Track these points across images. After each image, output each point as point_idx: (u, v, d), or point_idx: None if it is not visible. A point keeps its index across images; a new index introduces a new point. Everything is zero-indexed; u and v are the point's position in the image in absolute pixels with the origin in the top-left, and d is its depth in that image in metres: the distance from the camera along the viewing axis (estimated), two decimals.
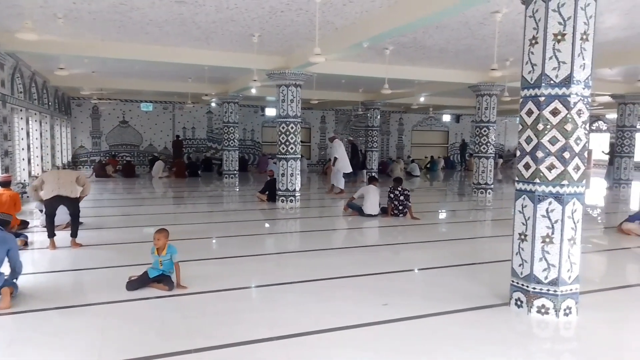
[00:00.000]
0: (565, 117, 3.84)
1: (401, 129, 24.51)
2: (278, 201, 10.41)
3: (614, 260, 6.61)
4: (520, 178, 4.15)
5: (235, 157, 16.01)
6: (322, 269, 5.49)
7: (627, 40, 7.84)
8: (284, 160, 10.31)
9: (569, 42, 3.77)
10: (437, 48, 8.80)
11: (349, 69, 10.30)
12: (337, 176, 12.36)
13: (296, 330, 3.72)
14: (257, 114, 21.57)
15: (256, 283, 5.06)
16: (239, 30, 7.57)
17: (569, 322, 3.94)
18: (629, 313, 4.35)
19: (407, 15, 5.79)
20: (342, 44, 7.43)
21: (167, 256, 4.68)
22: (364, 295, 4.58)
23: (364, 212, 8.97)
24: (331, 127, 22.99)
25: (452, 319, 4.05)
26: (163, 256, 4.66)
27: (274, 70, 9.77)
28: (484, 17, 6.64)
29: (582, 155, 3.93)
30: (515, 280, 4.19)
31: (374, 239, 8.00)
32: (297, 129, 10.26)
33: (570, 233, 3.93)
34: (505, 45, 8.15)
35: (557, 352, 3.57)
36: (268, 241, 7.53)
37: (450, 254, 6.37)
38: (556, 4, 3.77)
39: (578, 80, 3.81)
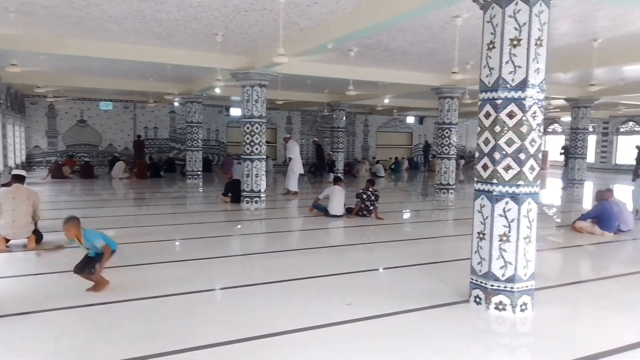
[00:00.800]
0: (521, 120, 3.98)
1: (366, 130, 24.76)
2: (243, 202, 10.32)
3: (567, 257, 6.90)
4: (478, 178, 4.27)
5: (199, 158, 15.76)
6: (288, 269, 5.49)
7: (580, 46, 8.20)
8: (248, 160, 10.23)
9: (525, 47, 3.91)
10: (400, 50, 8.95)
11: (314, 69, 10.32)
12: (291, 178, 12.30)
13: (262, 332, 3.69)
14: (221, 114, 21.30)
15: (221, 285, 5.01)
16: (202, 28, 7.46)
17: (525, 318, 4.09)
18: (582, 308, 4.55)
19: (371, 17, 5.86)
20: (306, 45, 7.45)
21: (90, 244, 4.44)
22: (329, 295, 4.60)
23: (329, 212, 9.01)
24: (297, 127, 22.97)
25: (415, 317, 4.12)
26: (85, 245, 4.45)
27: (238, 70, 9.68)
28: (445, 21, 6.79)
29: (537, 156, 4.08)
30: (475, 278, 4.31)
31: (340, 239, 8.05)
32: (262, 129, 10.20)
33: (525, 232, 4.08)
34: (465, 49, 8.36)
35: (513, 347, 3.69)
36: (233, 243, 7.45)
37: (414, 253, 6.49)
38: (512, 10, 3.91)
39: (533, 84, 3.96)
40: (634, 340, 3.68)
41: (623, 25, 6.87)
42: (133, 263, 5.63)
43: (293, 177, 12.23)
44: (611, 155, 24.18)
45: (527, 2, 3.88)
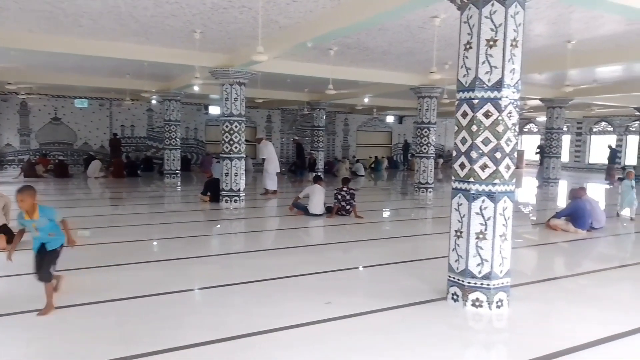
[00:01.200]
0: (497, 119, 4.04)
1: (346, 129, 24.83)
2: (222, 201, 10.23)
3: (542, 254, 7.03)
4: (456, 177, 4.32)
5: (178, 157, 15.56)
6: (267, 269, 5.46)
7: (554, 47, 8.37)
8: (228, 159, 10.14)
9: (500, 48, 3.97)
10: (380, 50, 8.99)
11: (294, 68, 10.29)
12: (266, 177, 12.27)
13: (240, 332, 3.67)
14: (200, 112, 21.08)
15: (199, 285, 4.97)
16: (180, 25, 7.35)
17: (501, 314, 4.16)
18: (556, 303, 4.64)
19: (350, 16, 5.86)
20: (286, 44, 7.41)
21: (42, 220, 3.96)
22: (308, 295, 4.60)
23: (309, 211, 9.01)
24: (277, 126, 22.90)
25: (393, 315, 4.15)
26: (36, 220, 3.94)
27: (217, 68, 9.58)
28: (423, 22, 6.85)
29: (512, 155, 4.15)
30: (452, 276, 4.36)
31: (319, 238, 8.05)
32: (241, 128, 10.12)
33: (501, 229, 4.14)
34: (444, 49, 8.45)
35: (490, 343, 3.75)
36: (212, 242, 7.38)
37: (392, 251, 6.53)
38: (488, 11, 3.96)
39: (509, 84, 4.02)
40: (605, 334, 3.77)
41: (595, 27, 7.03)
42: (108, 264, 5.53)
43: (268, 176, 12.21)
44: (585, 154, 24.77)
45: (502, 4, 3.93)
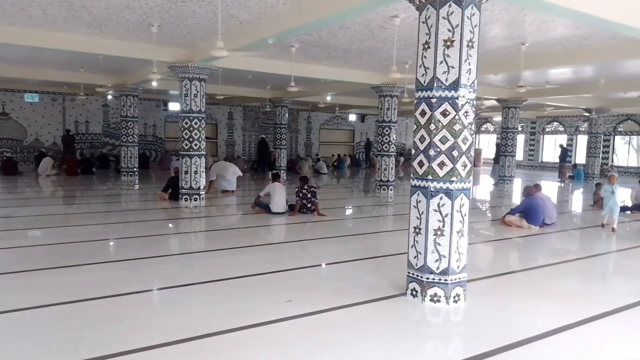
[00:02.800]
0: (454, 118, 4.13)
1: (309, 127, 24.83)
2: (181, 200, 10.01)
3: (497, 249, 7.26)
4: (415, 175, 4.39)
5: (135, 154, 15.08)
6: (229, 268, 5.38)
7: (509, 49, 8.65)
8: (187, 157, 9.93)
9: (457, 48, 4.05)
10: (341, 48, 9.02)
11: (255, 65, 10.18)
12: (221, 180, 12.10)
13: (198, 333, 3.59)
14: (159, 108, 20.53)
15: (158, 286, 4.84)
16: (136, 18, 7.12)
17: (458, 308, 4.26)
18: (511, 297, 4.79)
19: (311, 13, 5.85)
20: (246, 39, 7.32)
21: None
22: (269, 293, 4.56)
23: (271, 209, 8.94)
24: (239, 123, 22.63)
25: (354, 312, 4.17)
26: None
27: (176, 63, 9.35)
28: (384, 21, 6.92)
29: (469, 153, 4.25)
30: (411, 272, 4.43)
31: (281, 236, 8.01)
32: (201, 124, 9.92)
33: (458, 226, 4.24)
34: (404, 49, 8.57)
35: (447, 337, 3.83)
36: (172, 242, 7.20)
37: (354, 248, 6.57)
38: (446, 12, 4.04)
39: (465, 84, 4.11)
40: (557, 325, 3.93)
41: (546, 31, 7.32)
42: (59, 265, 5.30)
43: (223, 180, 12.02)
44: (538, 153, 25.80)
45: (459, 5, 4.02)
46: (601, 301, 4.56)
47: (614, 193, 8.19)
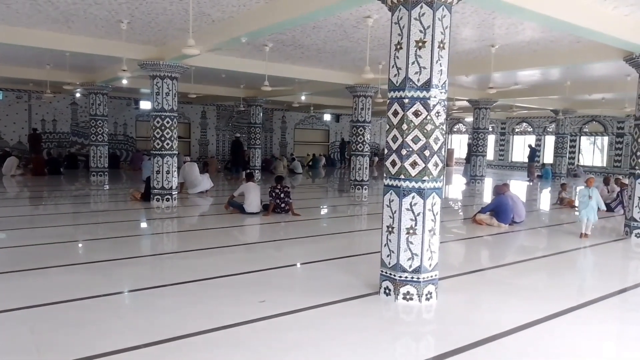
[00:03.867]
0: (426, 118, 4.18)
1: (284, 126, 24.76)
2: (153, 200, 9.83)
3: (468, 247, 7.39)
4: (387, 174, 4.42)
5: (105, 153, 14.73)
6: (201, 269, 5.31)
7: (479, 51, 8.82)
8: (159, 156, 9.76)
9: (429, 49, 4.10)
10: (315, 48, 9.03)
11: (229, 63, 10.09)
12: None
13: (170, 335, 3.53)
14: (130, 106, 20.12)
15: (128, 288, 4.73)
16: (105, 15, 6.95)
17: (430, 306, 4.31)
18: (481, 293, 4.89)
19: (284, 12, 5.83)
20: (219, 38, 7.24)
21: None
22: (242, 294, 4.52)
23: (245, 209, 8.87)
24: (212, 122, 22.38)
25: (327, 311, 4.18)
26: None
27: (146, 61, 9.17)
28: (357, 21, 6.95)
29: (440, 153, 4.31)
30: (384, 270, 4.46)
31: (255, 237, 7.96)
32: (173, 123, 9.77)
33: (430, 224, 4.29)
34: (377, 49, 8.64)
35: (419, 334, 3.88)
36: (142, 243, 7.06)
37: (328, 248, 6.59)
38: (417, 13, 4.08)
39: (436, 84, 4.17)
40: (525, 321, 4.02)
41: (515, 33, 7.49)
42: (24, 268, 5.12)
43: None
44: (508, 153, 26.42)
45: (431, 6, 4.07)
46: (567, 297, 4.70)
47: (591, 198, 7.48)
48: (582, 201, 7.57)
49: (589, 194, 7.46)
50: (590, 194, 7.43)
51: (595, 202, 7.47)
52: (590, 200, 7.41)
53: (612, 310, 4.62)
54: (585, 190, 7.55)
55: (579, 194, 7.70)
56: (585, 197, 7.49)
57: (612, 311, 4.60)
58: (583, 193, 7.59)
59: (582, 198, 7.58)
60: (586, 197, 7.47)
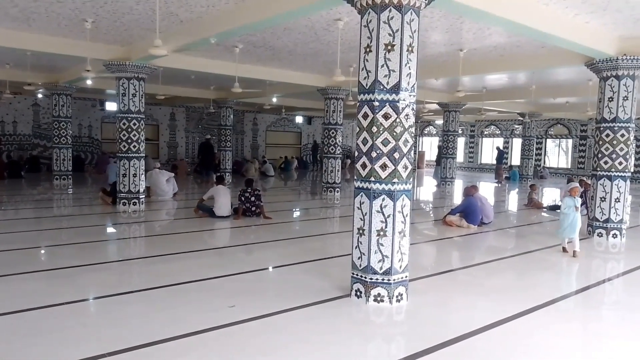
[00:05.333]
0: (395, 121, 4.20)
1: (255, 128, 24.59)
2: (119, 204, 9.57)
3: (439, 248, 7.49)
4: (358, 177, 4.43)
5: (69, 156, 14.25)
6: (169, 274, 5.19)
7: (448, 54, 8.96)
8: (125, 159, 9.51)
9: (398, 52, 4.13)
10: (286, 50, 8.99)
11: (198, 64, 9.93)
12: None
13: (137, 343, 3.43)
14: (95, 108, 19.57)
15: (94, 295, 4.58)
16: (68, 13, 6.73)
17: (401, 307, 4.33)
18: (451, 294, 4.94)
19: (254, 14, 5.78)
20: (187, 38, 7.11)
21: None
22: (212, 299, 4.44)
23: (215, 213, 8.74)
24: (182, 124, 22.01)
25: (298, 315, 4.14)
26: None
27: (112, 61, 8.92)
28: (328, 24, 6.95)
29: (410, 155, 4.34)
30: (355, 272, 4.46)
31: (225, 241, 7.85)
32: (140, 125, 9.54)
33: (400, 226, 4.31)
34: (348, 52, 8.66)
35: (390, 336, 3.89)
36: (109, 248, 6.85)
37: (300, 250, 6.55)
38: (386, 17, 4.11)
39: (405, 87, 4.20)
40: (494, 320, 4.09)
41: (482, 38, 7.65)
42: None
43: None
44: (477, 155, 26.98)
45: (399, 10, 4.10)
46: (533, 296, 4.80)
47: (578, 209, 6.53)
48: (567, 213, 6.56)
49: (574, 204, 6.53)
50: (576, 204, 6.55)
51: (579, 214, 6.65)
52: (576, 211, 6.53)
53: (576, 308, 4.76)
54: (571, 201, 6.58)
55: (564, 204, 6.67)
56: (571, 208, 6.53)
57: (576, 309, 4.73)
58: (568, 204, 6.58)
59: (567, 210, 6.56)
60: (572, 208, 6.53)
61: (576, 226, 6.52)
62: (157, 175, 11.61)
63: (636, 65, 7.29)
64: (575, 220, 6.52)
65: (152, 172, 11.64)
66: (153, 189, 11.42)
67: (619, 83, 7.45)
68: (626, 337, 3.96)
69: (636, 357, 3.60)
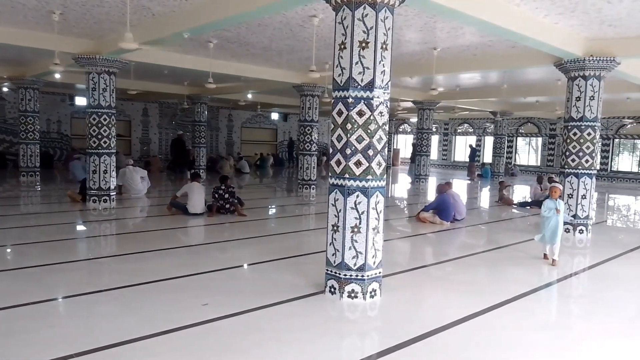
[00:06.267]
0: (369, 118, 4.22)
1: (230, 125, 24.35)
2: (89, 202, 9.34)
3: (412, 244, 7.56)
4: (332, 174, 4.44)
5: (36, 152, 13.80)
6: (141, 273, 5.10)
7: (422, 53, 9.06)
8: (95, 155, 9.28)
9: (372, 50, 4.15)
10: (261, 46, 8.92)
11: (171, 59, 9.76)
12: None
13: (106, 343, 3.36)
14: (64, 103, 19.03)
15: (62, 295, 4.47)
16: (34, 4, 6.51)
17: (374, 303, 4.37)
18: (424, 289, 5.02)
19: (228, 9, 5.71)
20: (160, 32, 6.97)
21: None
22: (184, 298, 4.38)
23: (188, 210, 8.62)
24: (155, 120, 21.63)
25: (272, 312, 4.13)
26: None
27: (81, 54, 8.68)
28: (303, 20, 6.93)
29: (383, 152, 4.38)
30: (329, 269, 4.47)
31: (199, 238, 7.76)
32: (111, 121, 9.31)
33: (374, 223, 4.34)
34: (324, 49, 8.66)
35: (363, 331, 3.91)
36: (79, 247, 6.68)
37: (275, 248, 6.52)
38: (360, 14, 4.12)
39: (379, 85, 4.22)
40: (465, 314, 4.16)
41: (456, 37, 7.76)
42: None
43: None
44: (451, 153, 27.41)
45: (373, 8, 4.12)
46: (504, 290, 4.91)
47: (559, 211, 5.90)
48: (548, 217, 5.93)
49: (555, 206, 5.89)
50: (558, 206, 5.90)
51: (562, 216, 5.99)
52: (558, 214, 5.89)
53: (543, 301, 4.89)
54: (552, 203, 5.94)
55: (544, 207, 6.01)
56: (552, 211, 5.89)
57: (543, 302, 4.86)
58: (549, 206, 5.94)
59: (548, 212, 5.93)
60: (552, 211, 5.89)
61: (557, 231, 5.88)
62: (131, 172, 11.38)
63: (602, 66, 7.51)
64: (556, 224, 5.88)
65: (126, 170, 11.41)
66: (126, 186, 11.19)
67: (586, 83, 7.67)
68: (592, 330, 4.09)
69: (602, 349, 3.72)
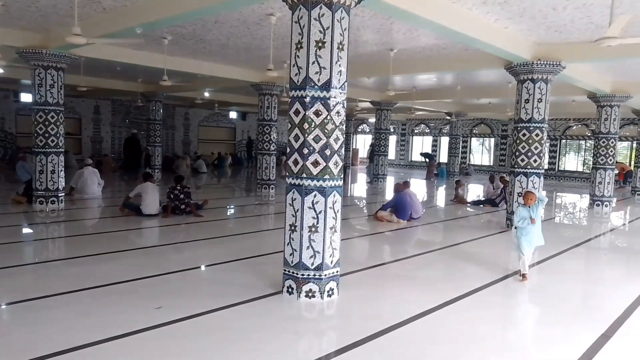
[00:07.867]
0: (327, 118, 4.24)
1: (187, 124, 23.84)
2: (35, 203, 8.89)
3: (371, 243, 7.66)
4: (290, 173, 4.42)
5: None
6: (91, 277, 4.90)
7: (379, 54, 9.17)
8: (42, 154, 8.84)
9: (328, 50, 4.16)
10: (218, 43, 8.77)
11: (123, 55, 9.44)
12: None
13: (54, 350, 3.22)
14: (8, 99, 18.04)
15: (6, 301, 4.23)
16: None
17: (332, 302, 4.39)
18: (382, 287, 5.09)
19: (182, 4, 5.58)
20: (111, 27, 6.72)
21: None
22: (138, 301, 4.25)
23: (142, 211, 8.36)
24: (107, 118, 20.86)
25: (228, 313, 4.07)
26: None
27: (26, 49, 8.24)
28: (260, 18, 6.87)
29: (340, 152, 4.40)
30: (287, 269, 4.45)
31: (153, 240, 7.55)
32: (59, 118, 8.89)
33: (331, 222, 4.36)
34: (282, 48, 8.61)
35: (321, 330, 3.92)
36: (24, 250, 6.36)
37: (232, 249, 6.43)
38: (317, 14, 4.12)
39: (336, 85, 4.24)
40: (422, 310, 4.25)
41: (412, 39, 7.91)
42: None
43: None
44: (408, 153, 27.94)
45: (330, 8, 4.13)
46: (459, 286, 5.04)
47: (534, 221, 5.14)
48: (523, 227, 5.19)
49: (529, 215, 5.13)
50: (533, 214, 5.13)
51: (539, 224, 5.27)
52: (533, 224, 5.14)
53: (496, 296, 5.06)
54: (525, 211, 5.17)
55: (517, 216, 5.24)
56: (526, 221, 5.13)
57: (496, 297, 5.03)
58: (522, 215, 5.17)
59: (522, 223, 5.17)
60: (527, 221, 5.13)
61: (532, 242, 5.25)
62: (89, 174, 10.94)
63: (549, 70, 7.86)
64: (532, 235, 5.20)
65: (84, 171, 10.95)
66: (81, 188, 10.73)
67: (534, 86, 8.00)
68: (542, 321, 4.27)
69: (551, 340, 3.89)
